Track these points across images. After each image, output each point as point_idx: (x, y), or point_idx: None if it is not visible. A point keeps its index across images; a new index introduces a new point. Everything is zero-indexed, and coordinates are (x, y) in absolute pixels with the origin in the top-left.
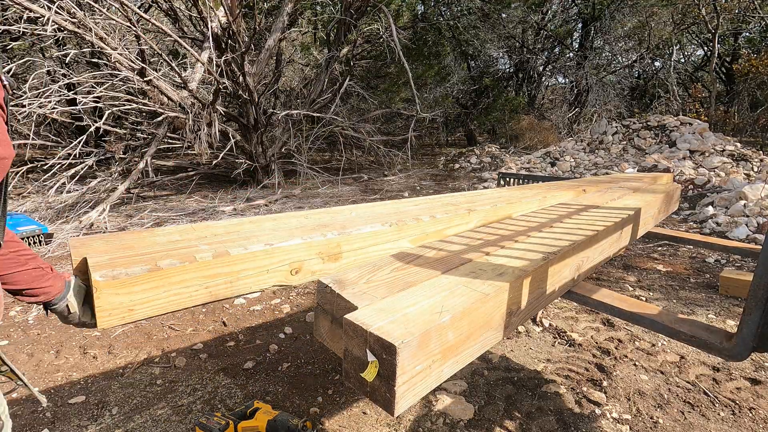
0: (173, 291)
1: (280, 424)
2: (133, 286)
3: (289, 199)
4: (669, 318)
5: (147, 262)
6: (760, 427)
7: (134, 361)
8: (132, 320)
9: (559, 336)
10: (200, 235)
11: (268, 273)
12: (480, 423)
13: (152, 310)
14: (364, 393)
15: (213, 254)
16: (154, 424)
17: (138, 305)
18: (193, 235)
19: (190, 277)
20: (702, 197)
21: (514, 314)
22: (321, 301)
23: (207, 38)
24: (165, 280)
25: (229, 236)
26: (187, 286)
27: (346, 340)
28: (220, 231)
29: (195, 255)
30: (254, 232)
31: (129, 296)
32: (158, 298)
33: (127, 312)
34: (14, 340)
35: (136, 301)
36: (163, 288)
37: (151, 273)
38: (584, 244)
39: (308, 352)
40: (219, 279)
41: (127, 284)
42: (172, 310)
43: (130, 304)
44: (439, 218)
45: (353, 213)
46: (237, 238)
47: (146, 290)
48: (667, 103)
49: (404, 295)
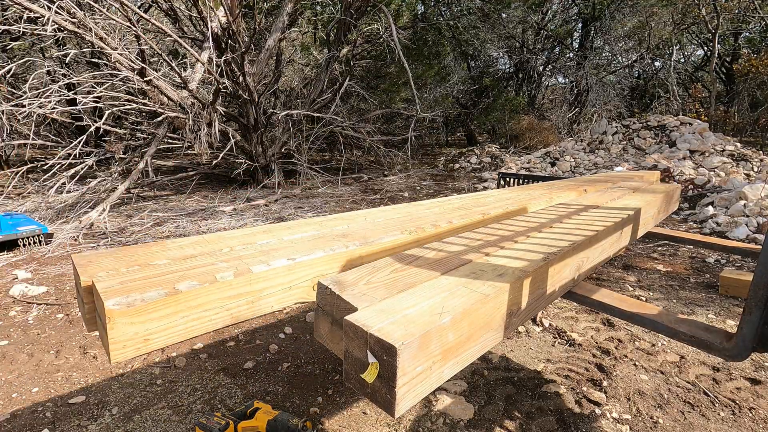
0: (192, 315)
1: (280, 424)
2: (149, 314)
3: (289, 199)
4: (669, 318)
5: (163, 285)
6: (760, 427)
7: (133, 360)
8: (147, 351)
9: (559, 336)
10: (215, 249)
11: (290, 290)
12: (480, 423)
13: (170, 338)
14: (364, 394)
15: (234, 273)
16: (154, 424)
17: (154, 334)
18: (207, 249)
19: (210, 299)
20: (702, 197)
21: (514, 315)
22: (321, 302)
23: (207, 38)
24: (184, 304)
25: (246, 249)
26: (207, 309)
27: (347, 342)
28: (234, 243)
29: (215, 275)
30: (273, 245)
31: (145, 325)
32: (176, 324)
33: (142, 342)
34: (14, 340)
35: (152, 329)
36: (182, 313)
37: (169, 297)
38: (584, 244)
39: (308, 352)
40: (241, 299)
41: (143, 312)
42: (191, 336)
43: (146, 333)
44: (455, 224)
45: (367, 219)
46: (256, 252)
47: (164, 317)
48: (667, 103)
49: (404, 297)
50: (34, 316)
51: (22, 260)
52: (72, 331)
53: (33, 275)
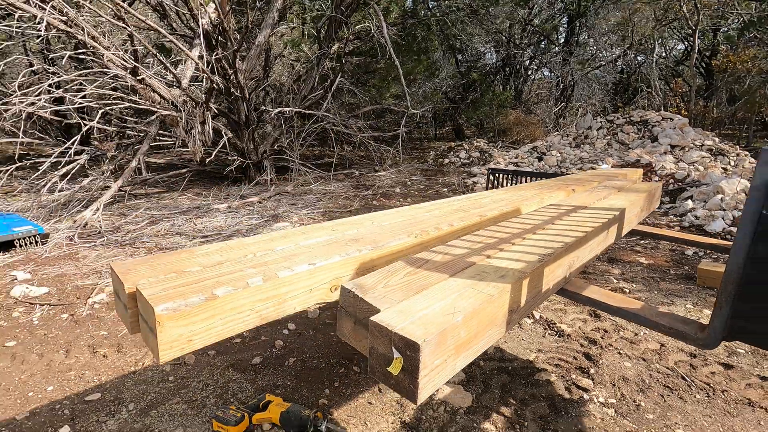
0: (228, 318)
1: (292, 416)
2: (193, 317)
3: (283, 196)
4: (650, 312)
5: (203, 291)
6: (732, 408)
7: (143, 358)
8: (191, 350)
9: (549, 327)
10: (240, 255)
11: (311, 292)
12: (478, 410)
13: (210, 339)
14: (389, 385)
15: (263, 278)
16: (170, 418)
17: (197, 335)
18: (232, 255)
19: (243, 303)
20: (682, 191)
21: (514, 312)
22: (344, 304)
23: (197, 35)
24: (221, 307)
25: (268, 255)
26: (240, 312)
27: (372, 339)
28: (256, 249)
29: (247, 280)
30: (292, 250)
31: (188, 327)
32: (215, 326)
33: (186, 343)
34: (22, 341)
35: (195, 331)
36: (219, 316)
37: (208, 302)
38: (575, 245)
39: (312, 347)
40: (269, 302)
41: (187, 316)
42: (226, 336)
43: (190, 334)
44: (456, 226)
45: (374, 222)
46: (278, 258)
47: (204, 319)
48: (649, 97)
49: (419, 298)
50: (39, 316)
51: (20, 261)
52: (78, 330)
53: (32, 276)
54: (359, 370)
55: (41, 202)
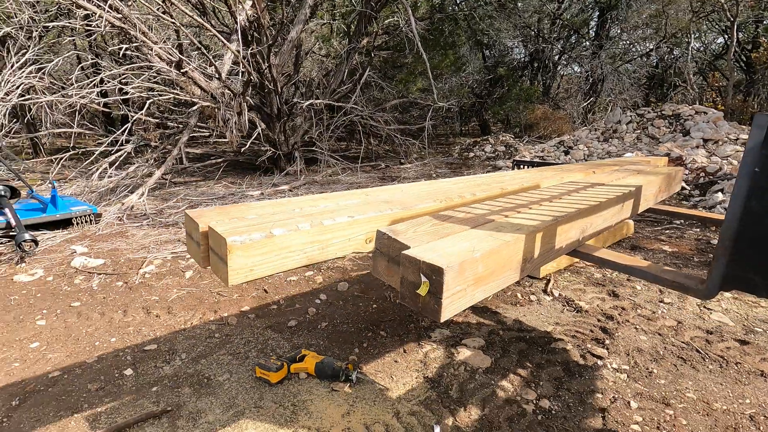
0: (282, 255)
1: (326, 366)
2: (255, 249)
3: (312, 186)
4: (656, 269)
5: (262, 230)
6: (743, 378)
7: (191, 319)
8: (252, 278)
9: (568, 304)
10: (288, 209)
11: (349, 241)
12: (496, 371)
13: (266, 270)
14: (416, 308)
15: (310, 224)
16: (218, 366)
17: (257, 266)
18: (282, 209)
19: (294, 243)
20: (712, 184)
21: (528, 261)
22: (379, 246)
23: (234, 31)
24: (277, 245)
25: (313, 210)
26: (291, 251)
27: (403, 270)
28: (303, 205)
29: (297, 225)
30: (333, 208)
31: (251, 258)
32: (272, 260)
33: (249, 271)
34: (84, 302)
35: (256, 262)
36: (275, 252)
37: (267, 239)
38: (588, 211)
39: (342, 315)
40: (314, 246)
41: (250, 248)
42: (280, 270)
43: (252, 265)
44: (478, 195)
45: (403, 190)
46: (323, 211)
47: (264, 253)
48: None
49: (444, 241)
50: (97, 283)
51: (77, 237)
52: (133, 295)
53: (89, 250)
54: (386, 335)
55: (92, 187)
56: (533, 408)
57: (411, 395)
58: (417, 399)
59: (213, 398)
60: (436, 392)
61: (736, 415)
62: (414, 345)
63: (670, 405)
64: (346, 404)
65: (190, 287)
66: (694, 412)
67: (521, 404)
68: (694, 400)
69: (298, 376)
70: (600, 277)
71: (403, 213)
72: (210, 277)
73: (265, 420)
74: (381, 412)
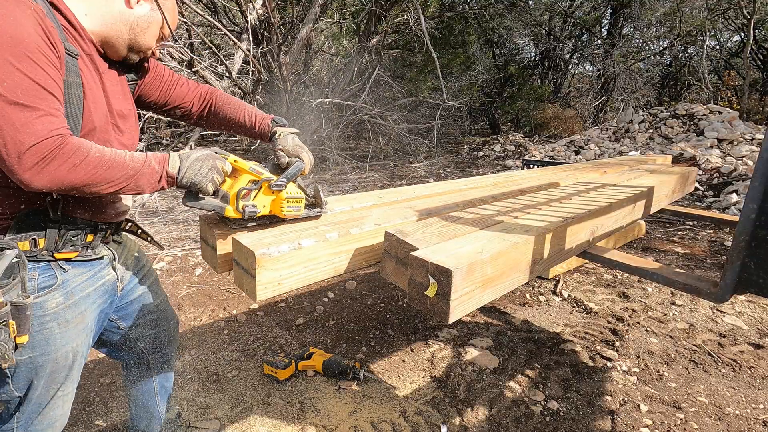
0: (309, 266)
1: (334, 364)
2: (284, 262)
3: (320, 184)
4: (668, 271)
5: (290, 241)
6: (757, 382)
7: (201, 316)
8: (280, 292)
9: (577, 305)
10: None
11: (375, 251)
12: (504, 371)
13: (294, 283)
14: (424, 309)
15: (338, 234)
16: (227, 362)
17: (285, 279)
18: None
19: (321, 254)
20: (727, 185)
21: (537, 263)
22: (387, 247)
23: (245, 30)
24: (304, 256)
25: (333, 215)
26: (318, 262)
27: (411, 272)
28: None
29: (325, 234)
30: (359, 214)
31: (279, 271)
32: (299, 273)
33: (277, 285)
34: None
35: (284, 275)
36: (303, 264)
37: (296, 251)
38: (598, 212)
39: (350, 313)
40: (342, 256)
41: (279, 261)
42: (307, 283)
43: (280, 278)
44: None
45: (415, 192)
46: (347, 219)
47: (291, 266)
48: (698, 91)
49: (452, 242)
50: None
51: None
52: None
53: None
54: (393, 333)
55: None
56: (541, 409)
57: (418, 394)
58: (424, 398)
59: (222, 394)
60: (444, 392)
61: (749, 420)
62: (421, 344)
63: (681, 409)
64: (353, 402)
65: (199, 284)
66: (705, 417)
67: (529, 405)
68: (706, 404)
69: (306, 373)
70: (610, 278)
71: (429, 219)
72: (219, 273)
73: (273, 416)
74: (388, 410)
